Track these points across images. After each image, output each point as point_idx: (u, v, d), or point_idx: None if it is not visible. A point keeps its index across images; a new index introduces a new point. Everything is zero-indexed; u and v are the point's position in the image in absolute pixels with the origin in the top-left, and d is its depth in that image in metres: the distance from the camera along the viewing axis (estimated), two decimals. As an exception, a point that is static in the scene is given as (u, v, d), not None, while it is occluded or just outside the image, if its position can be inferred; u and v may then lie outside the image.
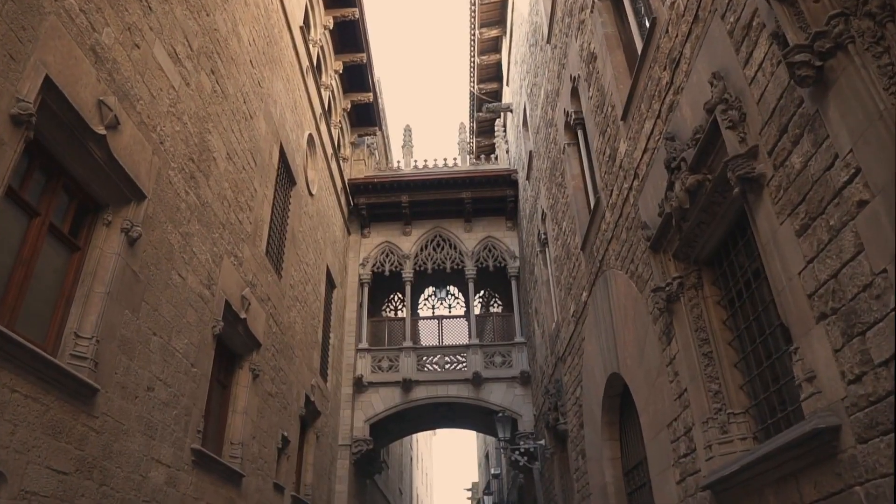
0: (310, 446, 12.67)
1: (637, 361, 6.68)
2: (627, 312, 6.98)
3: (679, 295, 5.36)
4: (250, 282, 8.99)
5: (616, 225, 7.30)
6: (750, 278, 4.57)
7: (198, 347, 7.14)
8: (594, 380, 8.73)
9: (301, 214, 12.28)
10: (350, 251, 17.66)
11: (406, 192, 17.50)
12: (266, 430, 9.61)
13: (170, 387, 6.43)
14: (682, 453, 5.40)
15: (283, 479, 10.41)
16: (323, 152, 14.63)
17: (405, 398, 15.91)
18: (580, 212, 9.41)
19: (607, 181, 7.64)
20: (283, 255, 11.04)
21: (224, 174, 8.17)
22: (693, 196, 4.86)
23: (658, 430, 6.05)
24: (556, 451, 12.19)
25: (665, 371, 5.81)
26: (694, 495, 5.13)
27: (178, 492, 6.52)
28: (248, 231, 8.99)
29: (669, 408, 5.72)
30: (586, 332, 9.12)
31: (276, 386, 10.22)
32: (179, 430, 6.61)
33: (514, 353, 16.26)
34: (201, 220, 7.38)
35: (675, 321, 5.48)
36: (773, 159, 3.78)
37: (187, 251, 6.96)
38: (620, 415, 8.37)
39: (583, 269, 9.21)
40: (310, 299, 12.79)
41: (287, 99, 11.45)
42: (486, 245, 17.76)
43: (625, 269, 7.04)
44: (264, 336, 9.53)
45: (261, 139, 9.76)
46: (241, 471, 8.27)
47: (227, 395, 8.63)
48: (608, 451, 8.38)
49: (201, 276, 7.32)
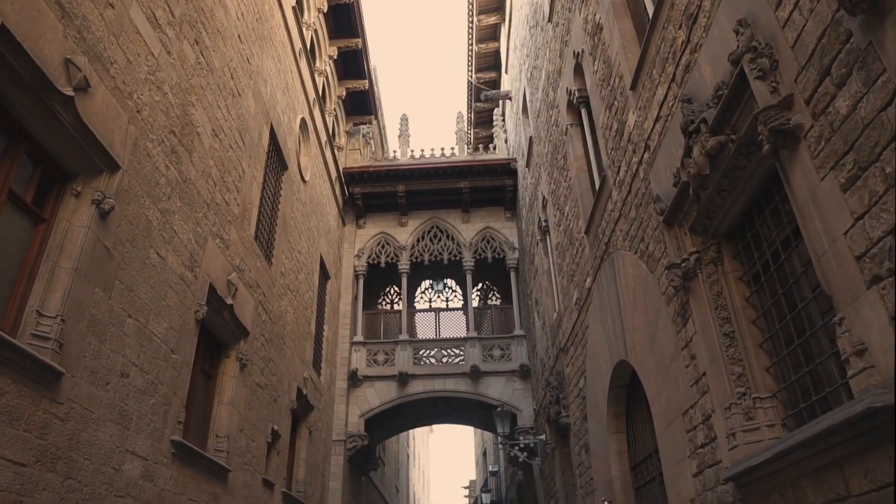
0: (302, 441, 12.23)
1: (648, 347, 6.26)
2: (637, 295, 6.56)
3: (696, 271, 4.94)
4: (238, 266, 8.54)
5: (624, 203, 6.88)
6: (778, 249, 4.15)
7: (179, 333, 6.70)
8: (599, 370, 8.31)
9: (293, 201, 11.83)
10: (345, 242, 17.21)
11: (402, 181, 17.04)
12: (255, 424, 9.17)
13: (147, 374, 5.99)
14: (700, 443, 4.98)
15: (273, 474, 9.97)
16: (317, 139, 14.18)
17: (401, 392, 15.47)
18: (583, 194, 8.99)
19: (614, 157, 7.22)
20: (273, 241, 10.58)
21: (209, 151, 7.72)
22: (714, 161, 4.44)
23: (672, 420, 5.63)
24: (557, 446, 11.77)
25: (680, 355, 5.39)
26: (714, 489, 4.71)
27: (155, 486, 6.08)
28: (235, 213, 8.54)
29: (685, 395, 5.30)
30: (590, 319, 8.70)
31: (266, 377, 9.77)
32: (158, 421, 6.17)
33: (513, 346, 15.82)
34: (183, 198, 6.94)
35: (691, 300, 5.06)
36: (813, 107, 3.35)
37: (167, 229, 6.52)
38: (627, 406, 7.96)
39: (587, 254, 8.78)
40: (302, 289, 12.34)
41: (278, 80, 11.00)
42: (485, 236, 17.32)
43: (634, 249, 6.62)
44: (253, 324, 9.08)
45: (249, 118, 9.31)
46: (227, 465, 7.83)
47: (213, 385, 8.18)
48: (614, 445, 7.96)
49: (183, 256, 6.87)
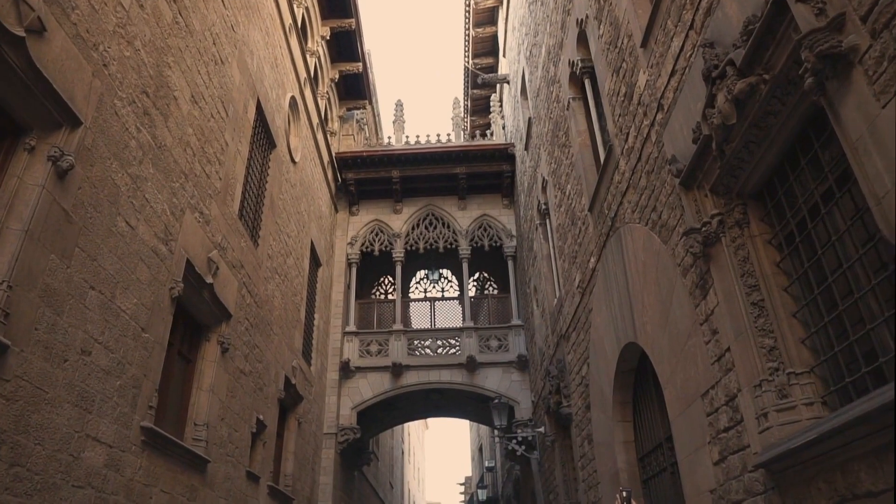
0: (291, 433, 11.70)
1: (660, 325, 5.76)
2: (647, 270, 6.06)
3: (719, 235, 4.44)
4: (219, 244, 8.01)
5: (633, 172, 6.38)
6: (818, 203, 3.65)
7: (150, 310, 6.16)
8: (604, 355, 7.81)
9: (282, 181, 11.29)
10: (337, 229, 16.67)
11: (397, 166, 16.50)
12: (238, 413, 8.64)
13: (113, 352, 5.46)
14: (723, 427, 4.48)
15: (258, 467, 9.44)
16: (308, 120, 13.64)
17: (395, 384, 14.96)
18: (587, 170, 8.49)
19: (621, 125, 6.72)
20: (260, 221, 10.05)
21: (187, 118, 7.18)
22: (741, 108, 3.94)
23: (688, 403, 5.13)
24: (557, 439, 11.28)
25: (698, 331, 4.89)
26: (739, 477, 4.21)
27: (122, 476, 5.55)
28: (216, 187, 8.00)
29: (704, 374, 4.80)
30: (594, 301, 8.20)
31: (251, 364, 9.24)
32: (125, 405, 5.64)
33: (510, 336, 15.31)
34: (157, 165, 6.40)
35: (712, 268, 4.57)
36: (872, 24, 2.85)
37: (138, 197, 5.98)
38: (634, 393, 7.47)
39: (590, 233, 8.28)
40: (291, 274, 11.81)
41: (266, 53, 10.46)
42: (482, 224, 16.80)
43: (644, 220, 6.12)
44: (236, 307, 8.55)
45: (234, 89, 8.77)
46: (205, 456, 7.30)
47: (191, 370, 7.65)
48: (620, 434, 7.47)
49: (156, 228, 6.34)
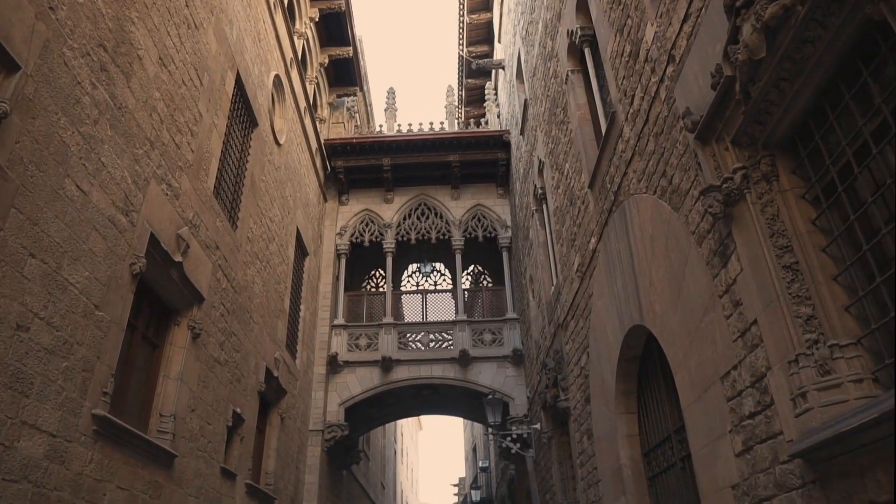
0: (273, 429, 11.09)
1: (671, 303, 5.20)
2: (655, 243, 5.50)
3: (743, 192, 3.87)
4: (191, 221, 7.41)
5: (639, 137, 5.82)
6: (868, 143, 3.09)
7: (106, 286, 5.56)
8: (606, 341, 7.25)
9: (265, 162, 10.70)
10: (326, 219, 16.07)
11: (388, 154, 15.91)
12: (211, 404, 8.03)
13: (57, 330, 4.85)
14: (748, 413, 3.91)
15: (234, 464, 8.83)
16: (294, 103, 13.04)
17: (385, 379, 14.36)
18: (587, 145, 7.94)
19: (626, 88, 6.16)
20: (239, 202, 9.45)
21: (154, 81, 6.59)
22: (772, 37, 3.37)
23: (705, 388, 4.56)
24: (554, 435, 10.71)
25: (717, 305, 4.32)
26: (769, 470, 3.63)
27: (68, 470, 4.94)
28: (188, 159, 7.41)
29: (724, 354, 4.24)
30: (595, 285, 7.64)
31: (227, 353, 8.64)
32: (73, 389, 5.03)
33: (505, 329, 14.74)
34: (116, 127, 5.80)
35: (735, 230, 4.00)
36: None
37: (92, 159, 5.38)
38: (639, 382, 6.91)
39: (591, 211, 7.72)
40: (274, 261, 11.20)
41: (247, 25, 9.87)
42: (476, 214, 16.23)
43: (652, 188, 5.56)
44: (210, 290, 7.95)
45: (209, 58, 8.17)
46: (171, 449, 6.69)
47: (158, 356, 7.05)
48: (624, 427, 6.90)
49: (114, 196, 5.74)
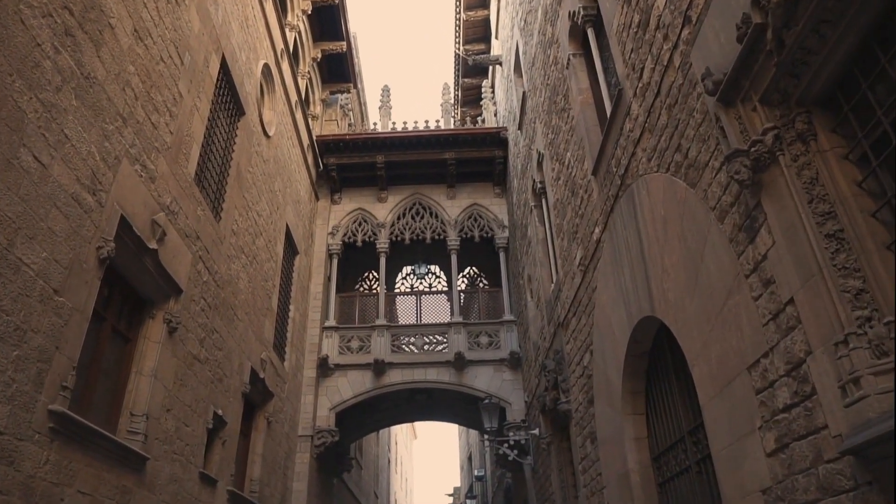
0: (258, 433, 10.57)
1: (686, 289, 4.74)
2: (669, 225, 5.05)
3: (775, 155, 3.43)
4: (168, 207, 6.93)
5: (649, 112, 5.39)
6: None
7: (68, 269, 5.07)
8: (611, 337, 6.79)
9: (252, 153, 10.23)
10: (318, 218, 15.60)
11: (382, 151, 15.47)
12: (189, 405, 7.52)
13: (7, 314, 4.36)
14: (782, 405, 3.44)
15: (214, 469, 8.30)
16: (285, 95, 12.60)
17: (377, 383, 13.84)
18: (590, 130, 7.52)
19: (634, 61, 5.74)
20: (223, 192, 8.97)
21: (128, 54, 6.13)
22: (816, -28, 2.96)
23: (728, 380, 4.09)
24: (553, 440, 10.21)
25: (743, 286, 3.87)
26: (811, 470, 3.16)
27: (17, 472, 4.43)
28: (166, 141, 6.94)
29: (752, 340, 3.77)
30: (600, 278, 7.19)
31: (208, 350, 8.13)
32: (25, 382, 4.53)
33: (502, 332, 14.25)
34: (83, 98, 5.34)
35: (765, 199, 3.56)
36: None
37: (53, 129, 4.91)
38: (647, 381, 6.45)
39: (595, 200, 7.29)
40: (261, 257, 10.71)
41: (234, 9, 9.43)
42: (472, 213, 15.79)
43: (664, 165, 5.12)
44: (189, 282, 7.46)
45: (192, 37, 7.72)
46: (143, 452, 6.18)
47: (130, 350, 6.54)
48: (631, 429, 6.43)
49: (79, 171, 5.26)
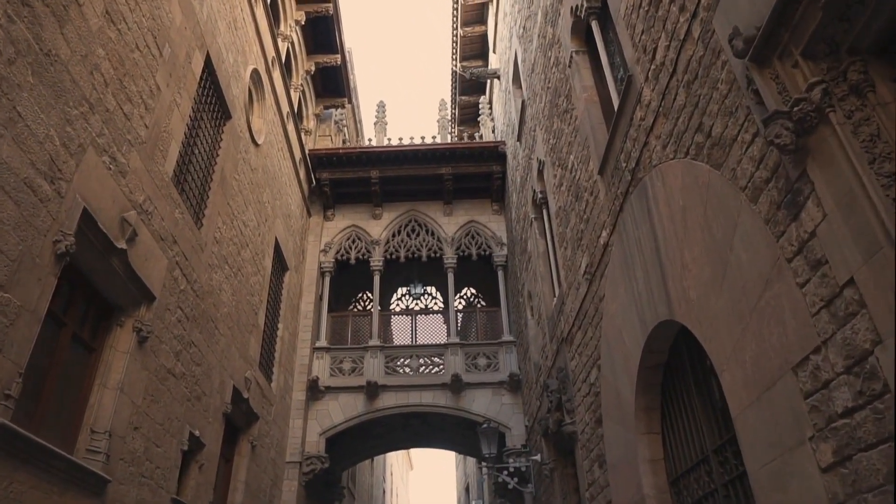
0: (242, 458, 9.88)
1: (713, 284, 4.20)
2: (689, 215, 4.53)
3: (824, 112, 2.93)
4: (141, 205, 6.40)
5: (664, 94, 4.91)
6: None
7: (16, 262, 4.52)
8: (622, 349, 6.22)
9: (238, 160, 9.75)
10: (310, 235, 15.07)
11: (376, 166, 15.02)
12: (161, 423, 6.89)
13: (-64, 307, 3.81)
14: (841, 409, 2.87)
15: (190, 495, 7.62)
16: (276, 105, 12.18)
17: (370, 406, 13.16)
18: (595, 128, 7.06)
19: (646, 43, 5.29)
20: (206, 197, 8.45)
21: (97, 36, 5.66)
22: None
23: (768, 384, 3.52)
24: (557, 466, 9.55)
25: (785, 272, 3.33)
26: (887, 487, 2.58)
27: (-58, 490, 3.84)
28: (140, 134, 6.44)
29: (799, 334, 3.22)
30: (608, 285, 6.64)
31: (184, 365, 7.52)
32: (-43, 386, 3.96)
33: (501, 353, 13.63)
34: (42, 76, 4.85)
35: (812, 166, 3.05)
36: None
37: (3, 105, 4.40)
38: (662, 396, 5.86)
39: (601, 201, 6.78)
40: (247, 270, 10.15)
41: (221, 8, 9.04)
42: (469, 231, 15.29)
43: (682, 150, 4.62)
44: (164, 289, 6.89)
45: (172, 29, 7.29)
46: (103, 473, 5.55)
47: (94, 360, 5.95)
48: (646, 450, 5.82)
49: (34, 155, 4.74)
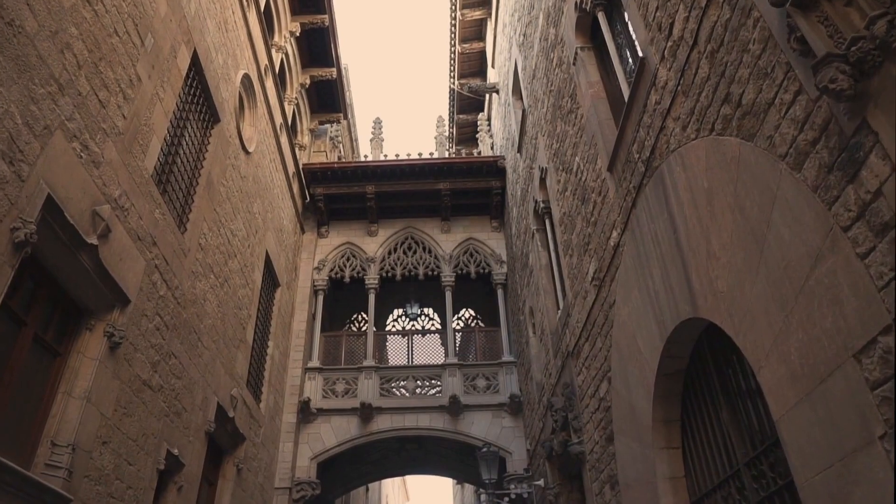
0: (226, 482, 9.26)
1: (747, 270, 3.73)
2: (715, 197, 4.08)
3: (890, 47, 2.52)
4: (116, 200, 5.94)
5: (683, 71, 4.52)
6: None
7: (-35, 248, 4.05)
8: (636, 357, 5.72)
9: (227, 166, 9.33)
10: (303, 251, 14.61)
11: (372, 181, 14.65)
12: (135, 439, 6.33)
13: None
14: (920, 393, 2.41)
15: (166, 519, 7.03)
16: (269, 115, 11.83)
17: (363, 430, 12.54)
18: (603, 124, 6.68)
19: (661, 19, 4.92)
20: (190, 200, 8.00)
21: (69, 13, 5.27)
22: None
23: (822, 376, 3.03)
24: (562, 491, 8.95)
25: (840, 242, 2.86)
26: None
27: None
28: (116, 124, 6.02)
29: (861, 314, 2.73)
30: (619, 289, 6.18)
31: (163, 377, 6.99)
32: None
33: (501, 374, 13.07)
34: (2, 48, 4.44)
35: (873, 115, 2.62)
36: None
37: (-46, 74, 3.99)
38: (683, 407, 5.35)
39: (611, 199, 6.36)
40: (235, 281, 9.66)
41: (210, 6, 8.72)
42: (468, 248, 14.84)
43: (706, 127, 4.21)
44: (141, 293, 6.40)
45: (156, 19, 6.93)
46: (64, 491, 4.99)
47: (59, 366, 5.42)
48: (665, 467, 5.29)
49: (-10, 133, 4.31)
